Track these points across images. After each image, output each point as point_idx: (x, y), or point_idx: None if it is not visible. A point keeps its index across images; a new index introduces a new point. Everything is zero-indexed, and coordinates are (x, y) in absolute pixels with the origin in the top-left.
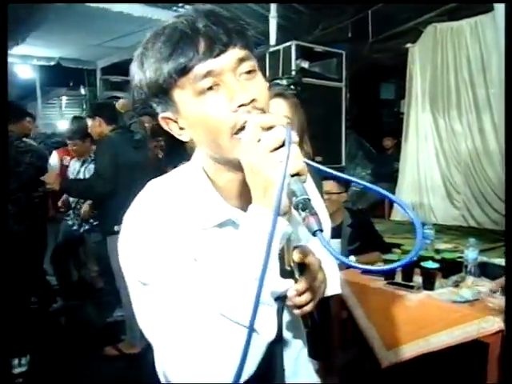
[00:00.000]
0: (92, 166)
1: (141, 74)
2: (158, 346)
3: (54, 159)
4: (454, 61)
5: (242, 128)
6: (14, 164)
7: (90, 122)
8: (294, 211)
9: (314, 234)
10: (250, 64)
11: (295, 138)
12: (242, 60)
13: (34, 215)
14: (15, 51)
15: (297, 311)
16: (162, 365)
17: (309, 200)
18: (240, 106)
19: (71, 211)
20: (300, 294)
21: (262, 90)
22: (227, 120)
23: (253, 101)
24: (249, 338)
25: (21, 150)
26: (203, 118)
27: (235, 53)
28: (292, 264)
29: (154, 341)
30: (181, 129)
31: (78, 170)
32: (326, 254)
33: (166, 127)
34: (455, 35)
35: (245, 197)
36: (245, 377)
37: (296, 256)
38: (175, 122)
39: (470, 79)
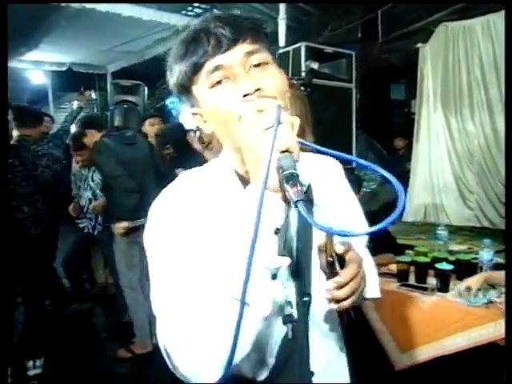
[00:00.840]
0: None
1: (170, 77)
2: (158, 317)
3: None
4: (466, 60)
5: None
6: (32, 167)
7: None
8: (324, 204)
9: (295, 205)
10: (261, 57)
11: (286, 117)
12: (250, 53)
13: (50, 218)
14: (28, 57)
15: (334, 306)
16: (162, 337)
17: (296, 175)
18: (245, 96)
19: (84, 215)
20: (340, 287)
21: (271, 79)
22: (234, 109)
23: (258, 90)
24: (241, 311)
25: (38, 154)
26: (215, 108)
27: (243, 47)
28: (333, 255)
29: (155, 312)
30: (204, 122)
31: (86, 175)
32: (366, 257)
33: (195, 122)
34: (467, 34)
35: None
36: (239, 354)
37: (338, 248)
38: (200, 115)
39: (483, 78)
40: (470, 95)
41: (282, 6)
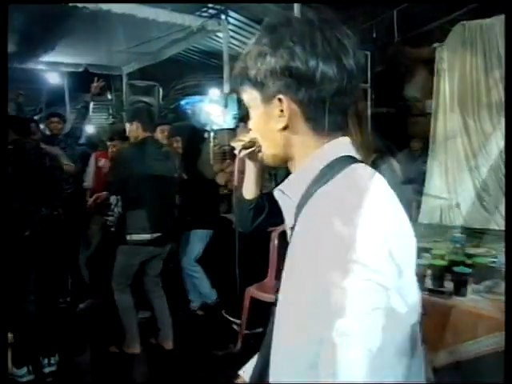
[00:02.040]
0: None
1: None
2: None
3: (91, 161)
4: (484, 59)
5: None
6: (34, 169)
7: (128, 125)
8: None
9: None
10: (250, 105)
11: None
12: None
13: (66, 215)
14: (45, 59)
15: None
16: None
17: None
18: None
19: (112, 211)
20: None
21: (252, 122)
22: None
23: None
24: None
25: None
26: None
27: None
28: None
29: None
30: None
31: None
32: None
33: None
34: (485, 33)
35: None
36: None
37: None
38: None
39: (501, 78)
40: (488, 96)
41: (297, 7)
